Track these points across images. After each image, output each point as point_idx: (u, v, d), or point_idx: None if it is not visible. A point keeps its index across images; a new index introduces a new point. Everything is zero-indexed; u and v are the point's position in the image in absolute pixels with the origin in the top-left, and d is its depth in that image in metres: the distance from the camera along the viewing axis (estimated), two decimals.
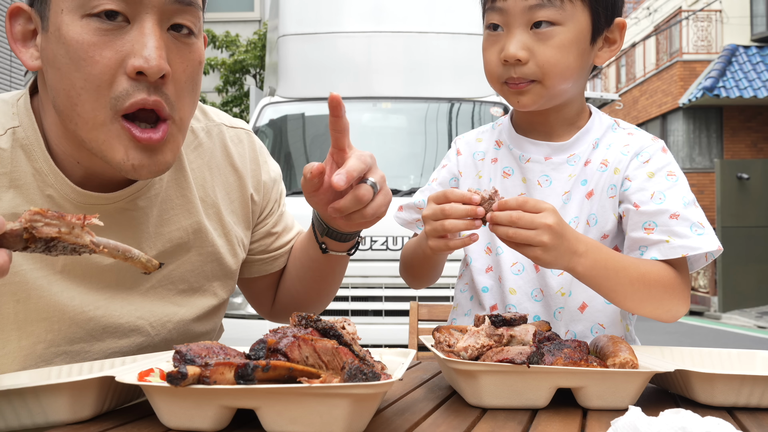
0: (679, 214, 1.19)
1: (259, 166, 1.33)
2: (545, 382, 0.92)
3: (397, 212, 1.48)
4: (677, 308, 1.20)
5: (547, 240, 1.06)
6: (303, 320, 0.91)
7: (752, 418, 0.91)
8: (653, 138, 1.32)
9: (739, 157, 15.70)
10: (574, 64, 1.24)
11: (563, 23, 1.22)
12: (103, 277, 1.11)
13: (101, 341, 1.11)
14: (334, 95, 1.02)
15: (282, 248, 1.38)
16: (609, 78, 22.53)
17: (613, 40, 1.30)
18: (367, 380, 0.75)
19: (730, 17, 16.65)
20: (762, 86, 15.11)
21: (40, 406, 0.84)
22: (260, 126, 4.89)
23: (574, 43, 1.23)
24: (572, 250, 1.10)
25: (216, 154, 1.27)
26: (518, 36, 1.22)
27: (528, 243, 1.07)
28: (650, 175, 1.25)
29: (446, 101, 4.86)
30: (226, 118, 1.32)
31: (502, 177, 1.36)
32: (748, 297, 12.86)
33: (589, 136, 1.33)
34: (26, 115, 1.07)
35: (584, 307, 1.29)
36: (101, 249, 0.82)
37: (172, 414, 0.79)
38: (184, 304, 1.21)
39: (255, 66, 13.40)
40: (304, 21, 5.08)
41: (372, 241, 3.93)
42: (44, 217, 0.77)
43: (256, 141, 1.36)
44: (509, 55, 1.22)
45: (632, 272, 1.15)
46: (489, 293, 1.36)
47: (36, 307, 1.05)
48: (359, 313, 3.98)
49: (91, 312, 1.10)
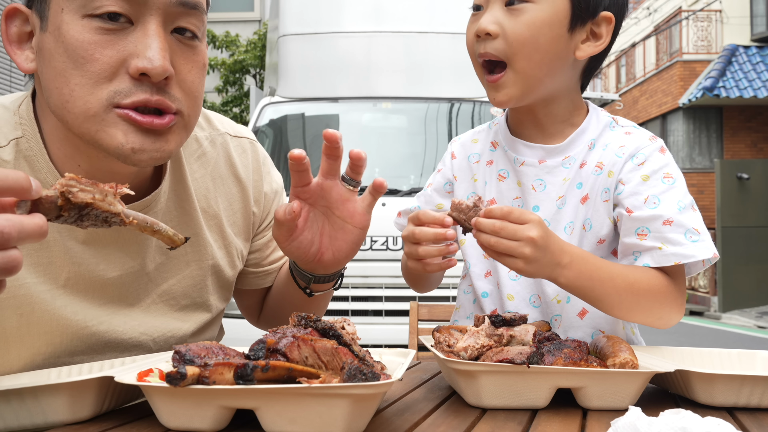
0: (673, 220, 1.16)
1: (261, 177, 1.32)
2: (545, 382, 0.92)
3: (396, 218, 1.47)
4: (669, 316, 1.18)
5: (528, 252, 1.05)
6: (302, 320, 0.91)
7: (752, 418, 0.91)
8: (651, 137, 1.28)
9: (739, 157, 15.70)
10: (544, 47, 1.21)
11: (536, 1, 1.20)
12: (106, 291, 1.10)
13: (102, 355, 1.10)
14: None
15: (273, 264, 1.37)
16: (609, 78, 22.53)
17: (599, 34, 1.25)
18: (367, 380, 0.75)
19: (730, 17, 16.65)
20: (762, 86, 15.11)
21: (39, 406, 0.84)
22: (260, 126, 4.89)
23: (547, 24, 1.20)
24: (555, 262, 1.08)
25: (220, 164, 1.25)
26: (493, 11, 1.22)
27: (509, 254, 1.06)
28: (645, 179, 1.22)
29: (446, 101, 4.86)
30: (230, 126, 1.30)
31: (497, 180, 1.34)
32: (748, 297, 12.86)
33: (584, 137, 1.30)
34: (29, 124, 1.04)
35: (584, 314, 1.27)
36: (131, 221, 0.82)
37: (171, 414, 0.79)
38: (187, 320, 1.19)
39: (255, 66, 13.40)
40: (304, 21, 5.08)
41: (372, 241, 3.93)
42: (79, 183, 0.77)
43: (260, 150, 1.34)
44: (480, 29, 1.22)
45: (619, 282, 1.13)
46: (489, 298, 1.34)
47: (39, 321, 1.04)
48: (359, 313, 3.98)
49: (94, 327, 1.08)
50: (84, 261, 1.06)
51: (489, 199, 1.34)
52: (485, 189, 1.35)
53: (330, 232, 1.12)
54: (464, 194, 1.38)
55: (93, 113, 0.96)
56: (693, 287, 13.91)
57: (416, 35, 4.97)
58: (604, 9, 1.24)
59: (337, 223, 1.11)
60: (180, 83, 1.01)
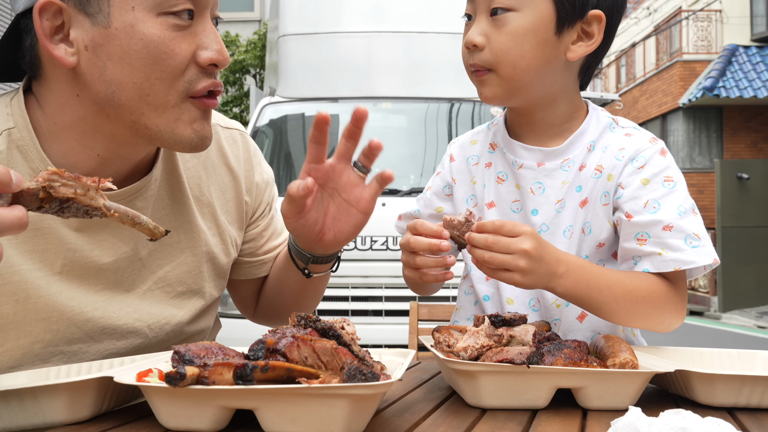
0: (673, 226, 1.15)
1: (252, 168, 1.34)
2: (545, 383, 0.92)
3: (397, 221, 1.47)
4: (669, 321, 1.17)
5: (523, 265, 1.05)
6: (302, 320, 0.91)
7: (752, 418, 0.91)
8: (652, 139, 1.26)
9: (739, 157, 15.70)
10: (530, 54, 1.19)
11: (519, 9, 1.19)
12: (102, 278, 1.11)
13: (99, 342, 1.12)
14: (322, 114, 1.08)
15: (269, 253, 1.38)
16: (609, 78, 22.54)
17: (590, 33, 1.23)
18: (367, 380, 0.75)
19: (730, 17, 16.65)
20: (762, 86, 15.11)
21: (38, 406, 0.83)
22: (260, 126, 4.89)
23: (531, 31, 1.19)
24: (551, 273, 1.08)
25: (211, 154, 1.27)
26: (480, 23, 1.22)
27: (504, 268, 1.06)
28: (645, 182, 1.20)
29: (446, 101, 4.86)
30: (220, 118, 1.33)
31: (496, 183, 1.33)
32: (748, 297, 12.85)
33: (583, 139, 1.28)
34: (21, 115, 1.07)
35: (583, 317, 1.26)
36: (112, 213, 0.83)
37: (170, 415, 0.79)
38: (183, 307, 1.21)
39: (255, 66, 13.40)
40: (304, 21, 5.08)
41: (372, 241, 3.93)
42: (61, 178, 0.78)
43: (251, 142, 1.37)
44: (468, 41, 1.23)
45: (618, 290, 1.13)
46: (490, 302, 1.34)
47: (35, 307, 1.06)
48: (359, 313, 3.98)
49: (89, 313, 1.10)
50: (79, 247, 1.08)
51: (488, 203, 1.33)
52: (484, 191, 1.34)
53: (334, 214, 1.15)
54: (463, 197, 1.37)
55: (173, 104, 1.04)
56: (693, 287, 13.90)
57: (416, 35, 4.97)
58: (592, 8, 1.22)
59: (342, 206, 1.15)
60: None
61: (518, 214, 1.30)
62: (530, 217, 1.28)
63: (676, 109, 16.47)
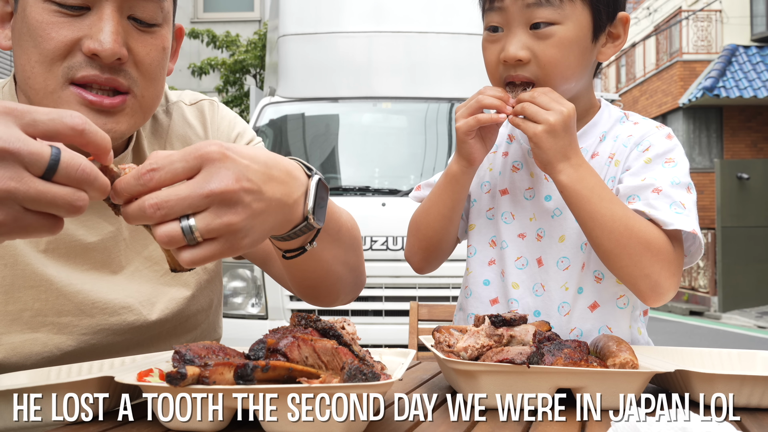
0: (662, 190, 1.18)
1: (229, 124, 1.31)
2: (545, 383, 0.92)
3: (415, 191, 1.47)
4: (658, 276, 1.14)
5: (553, 120, 1.12)
6: (303, 320, 0.91)
7: (752, 418, 0.91)
8: (658, 126, 1.31)
9: (739, 157, 15.70)
10: (575, 63, 1.23)
11: (562, 22, 1.20)
12: (88, 257, 1.12)
13: (91, 317, 1.11)
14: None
15: None
16: (609, 78, 22.53)
17: (617, 35, 1.28)
18: (367, 380, 0.75)
19: (730, 17, 16.65)
20: (762, 86, 15.11)
21: (39, 406, 0.83)
22: (260, 126, 4.89)
23: (575, 42, 1.21)
24: (566, 153, 1.14)
25: (175, 128, 1.25)
26: (518, 36, 1.21)
27: (535, 119, 1.13)
28: (647, 161, 1.24)
29: (446, 101, 4.85)
30: (187, 97, 1.31)
31: (511, 171, 1.37)
32: (748, 297, 12.85)
33: (596, 129, 1.33)
34: (10, 99, 1.09)
35: (595, 307, 1.27)
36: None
37: (171, 414, 0.79)
38: (173, 284, 1.20)
39: (255, 66, 13.39)
40: (304, 21, 5.07)
41: (372, 241, 3.93)
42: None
43: (220, 107, 1.33)
44: (509, 56, 1.21)
45: (617, 209, 1.15)
46: (490, 287, 1.35)
47: (23, 274, 1.07)
48: (359, 313, 3.98)
49: (78, 286, 1.10)
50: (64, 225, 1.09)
51: (501, 189, 1.37)
52: (498, 178, 1.38)
53: None
54: (479, 182, 1.40)
55: (51, 90, 1.02)
56: (693, 287, 13.91)
57: (416, 35, 4.96)
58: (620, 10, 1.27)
59: None
60: (137, 65, 1.06)
61: (531, 201, 1.33)
62: (543, 203, 1.31)
63: (676, 109, 16.47)
